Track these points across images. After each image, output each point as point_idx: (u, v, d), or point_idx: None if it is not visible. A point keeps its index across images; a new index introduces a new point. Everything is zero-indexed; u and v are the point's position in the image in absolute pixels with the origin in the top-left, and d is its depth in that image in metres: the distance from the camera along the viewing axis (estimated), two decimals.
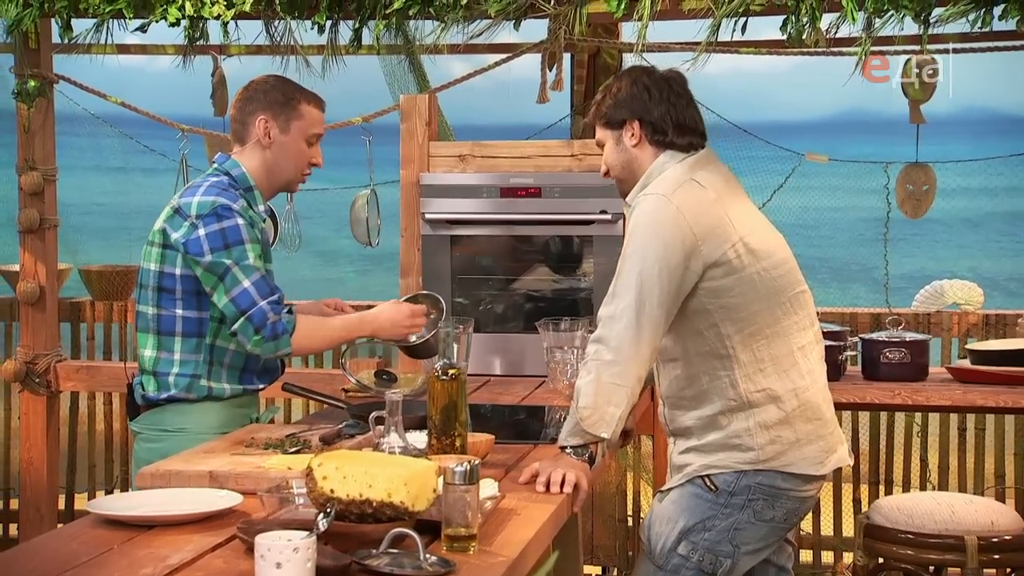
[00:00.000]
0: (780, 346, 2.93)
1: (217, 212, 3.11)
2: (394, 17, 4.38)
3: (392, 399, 2.76)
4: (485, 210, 4.27)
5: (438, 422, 2.78)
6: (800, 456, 2.92)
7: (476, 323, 4.17)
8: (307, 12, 4.45)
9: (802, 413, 2.93)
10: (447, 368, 2.80)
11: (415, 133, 4.34)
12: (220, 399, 3.21)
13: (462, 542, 2.21)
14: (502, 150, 4.36)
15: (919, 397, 4.04)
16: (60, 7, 4.58)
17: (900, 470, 5.30)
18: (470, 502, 2.22)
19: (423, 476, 2.22)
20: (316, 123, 3.31)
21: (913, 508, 3.29)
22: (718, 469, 2.92)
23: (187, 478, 2.62)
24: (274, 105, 3.26)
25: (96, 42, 4.73)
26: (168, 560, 2.11)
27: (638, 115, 3.02)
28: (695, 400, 2.97)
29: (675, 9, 4.25)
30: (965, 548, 3.17)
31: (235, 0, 4.43)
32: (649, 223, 2.89)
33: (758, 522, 2.93)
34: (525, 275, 4.37)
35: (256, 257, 3.13)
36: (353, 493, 2.17)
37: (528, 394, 3.81)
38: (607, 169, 3.12)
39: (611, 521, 5.27)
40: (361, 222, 4.72)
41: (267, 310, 3.08)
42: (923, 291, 5.32)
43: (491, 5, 4.28)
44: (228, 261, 3.09)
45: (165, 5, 4.46)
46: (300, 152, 3.29)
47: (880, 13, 4.01)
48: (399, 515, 2.17)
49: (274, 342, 3.10)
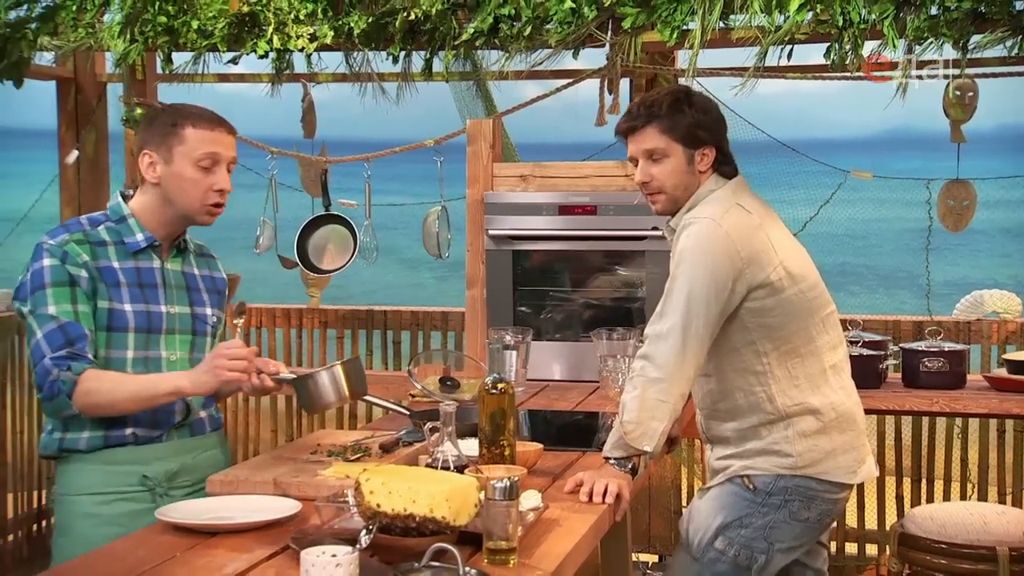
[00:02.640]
0: (813, 364, 2.79)
1: (34, 254, 2.60)
2: (462, 47, 4.32)
3: (445, 411, 2.66)
4: (545, 227, 4.17)
5: (488, 433, 2.68)
6: (835, 465, 2.78)
7: (537, 331, 4.08)
8: (383, 44, 4.40)
9: (838, 424, 2.80)
10: (496, 382, 2.70)
11: (480, 155, 4.25)
12: (78, 451, 2.60)
13: (502, 555, 2.10)
14: (560, 171, 4.26)
15: (957, 405, 3.86)
16: (162, 42, 4.58)
17: (941, 467, 5.12)
18: (510, 517, 2.10)
19: (464, 492, 2.11)
20: (203, 142, 2.62)
21: (946, 518, 3.11)
22: (757, 471, 2.80)
23: (252, 485, 2.53)
24: (156, 136, 2.65)
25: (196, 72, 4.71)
26: (224, 569, 2.03)
27: (717, 143, 2.83)
28: (729, 413, 2.83)
29: (724, 38, 4.14)
30: (997, 559, 2.98)
31: (318, 34, 4.40)
32: (699, 246, 2.72)
33: (793, 521, 2.79)
34: (582, 287, 4.26)
35: (59, 301, 2.54)
36: (398, 508, 2.07)
37: (582, 400, 3.69)
38: (657, 182, 2.83)
39: (666, 513, 5.13)
40: (432, 236, 4.64)
41: (49, 367, 2.50)
42: (964, 300, 5.12)
43: (552, 36, 4.21)
44: (26, 309, 2.57)
45: (255, 39, 4.45)
46: (193, 181, 2.62)
47: (920, 40, 3.83)
48: (441, 529, 2.07)
49: (51, 402, 2.52)
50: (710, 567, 2.81)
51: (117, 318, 2.62)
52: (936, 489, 5.08)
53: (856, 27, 3.89)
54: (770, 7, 4.00)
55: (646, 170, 2.84)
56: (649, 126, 2.80)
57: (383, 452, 2.77)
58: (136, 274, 2.66)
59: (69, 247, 2.59)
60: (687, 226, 2.77)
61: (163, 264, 2.72)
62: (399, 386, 4.12)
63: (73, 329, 2.54)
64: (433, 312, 5.47)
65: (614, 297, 4.23)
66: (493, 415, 2.67)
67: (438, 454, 2.64)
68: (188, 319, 2.75)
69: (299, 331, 5.59)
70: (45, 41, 4.74)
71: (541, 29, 4.22)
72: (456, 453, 2.65)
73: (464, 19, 4.29)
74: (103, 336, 2.61)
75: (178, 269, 2.76)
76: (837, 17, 3.91)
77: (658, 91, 2.93)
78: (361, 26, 4.33)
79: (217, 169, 2.64)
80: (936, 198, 4.74)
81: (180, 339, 2.73)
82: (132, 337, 2.64)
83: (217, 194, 2.65)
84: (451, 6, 4.27)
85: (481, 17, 4.22)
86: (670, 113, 2.78)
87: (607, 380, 3.63)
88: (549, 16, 4.20)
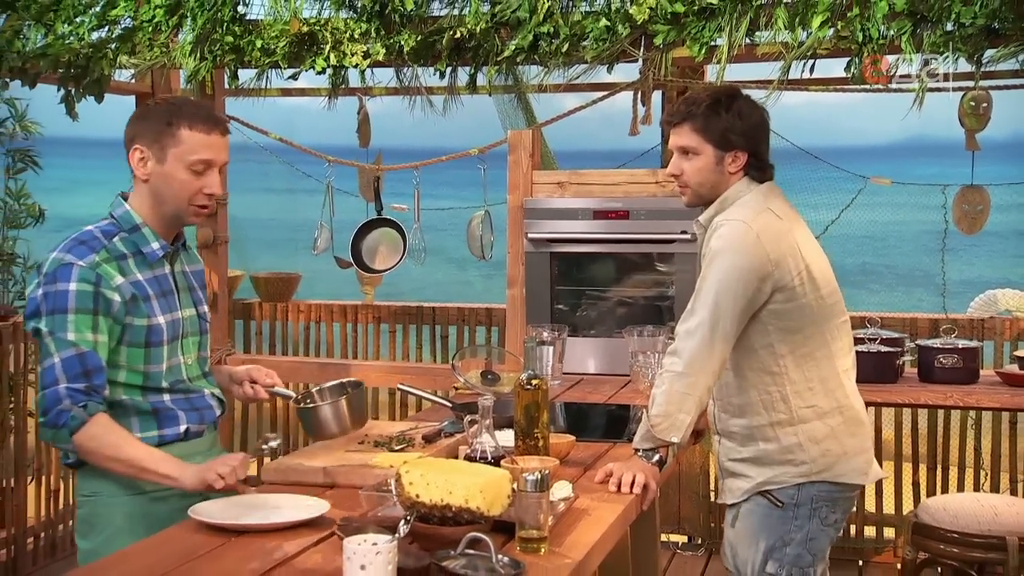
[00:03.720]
0: (827, 368, 2.70)
1: (56, 273, 2.35)
2: (504, 63, 4.29)
3: (484, 404, 2.63)
4: (580, 231, 4.13)
5: (523, 425, 2.65)
6: (848, 467, 2.69)
7: (573, 328, 4.05)
8: (431, 60, 4.39)
9: (846, 428, 2.70)
10: (531, 378, 2.67)
11: (520, 163, 4.22)
12: None
13: (534, 543, 2.07)
14: (595, 178, 4.22)
15: (970, 399, 3.77)
16: (229, 60, 4.60)
17: (956, 455, 5.03)
18: (541, 507, 2.08)
19: (498, 484, 2.09)
20: (198, 148, 2.42)
21: (958, 509, 3.03)
22: (776, 484, 2.69)
23: (304, 473, 2.51)
24: (150, 133, 2.43)
25: (260, 86, 4.72)
26: (274, 554, 2.02)
27: (752, 149, 2.71)
28: (740, 409, 2.74)
29: (750, 53, 4.10)
30: (1007, 548, 2.90)
31: (371, 51, 4.40)
32: (730, 247, 2.63)
33: (826, 527, 2.70)
34: (615, 286, 4.23)
35: (81, 329, 2.33)
36: (435, 498, 2.05)
37: (614, 393, 3.66)
38: (686, 177, 2.74)
39: (695, 497, 5.08)
40: (476, 239, 4.62)
41: (63, 395, 2.29)
42: (978, 299, 5.04)
43: (588, 52, 4.18)
44: (45, 329, 2.33)
45: (313, 57, 4.45)
46: (183, 182, 2.42)
47: (936, 54, 3.75)
48: (476, 519, 2.05)
49: (53, 431, 2.31)
50: None
51: (155, 333, 2.44)
52: (951, 476, 5.00)
53: (875, 42, 3.82)
54: (793, 24, 3.94)
55: (678, 163, 2.75)
56: (685, 123, 2.71)
57: (426, 443, 2.76)
58: (157, 283, 2.48)
59: (102, 269, 2.37)
60: (718, 227, 2.69)
61: (172, 269, 2.54)
62: (445, 378, 4.11)
63: (92, 360, 2.33)
64: (478, 308, 5.46)
65: (645, 296, 4.18)
66: (528, 409, 2.65)
67: (476, 445, 2.61)
68: (195, 320, 2.60)
69: (354, 325, 5.60)
70: (124, 60, 4.77)
71: (578, 46, 4.18)
72: (493, 444, 2.61)
73: (506, 37, 4.27)
74: (141, 353, 2.43)
75: (180, 270, 2.58)
76: (857, 33, 3.84)
77: (706, 89, 2.81)
78: (411, 44, 4.32)
79: (209, 173, 2.45)
80: (951, 203, 4.65)
81: (191, 341, 2.57)
82: (166, 349, 2.47)
83: (206, 196, 2.46)
84: (494, 25, 4.25)
85: (522, 35, 4.19)
86: (706, 114, 2.69)
87: (638, 374, 3.60)
88: (585, 33, 4.17)
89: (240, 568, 1.94)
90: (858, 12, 3.83)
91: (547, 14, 4.17)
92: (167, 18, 4.64)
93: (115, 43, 4.74)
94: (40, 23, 4.75)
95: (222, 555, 2.00)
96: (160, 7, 4.62)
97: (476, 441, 2.62)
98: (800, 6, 3.92)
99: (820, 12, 3.87)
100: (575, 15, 4.20)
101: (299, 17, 4.46)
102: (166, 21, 4.64)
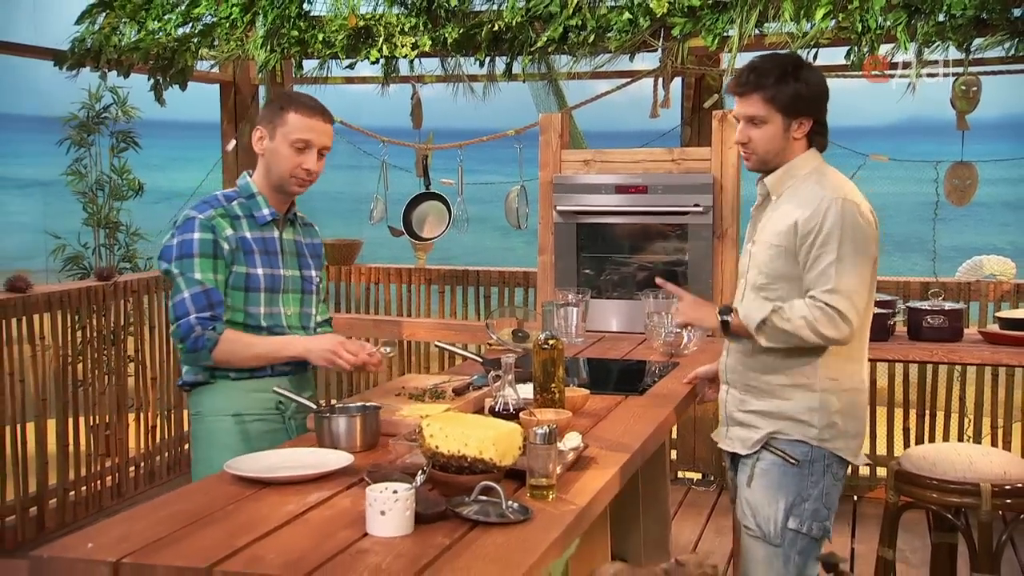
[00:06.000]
0: (858, 348, 2.49)
1: (184, 225, 2.50)
2: (537, 53, 4.15)
3: (506, 362, 2.53)
4: (604, 204, 3.98)
5: (541, 380, 2.55)
6: (846, 445, 2.49)
7: (597, 290, 3.93)
8: (471, 51, 4.25)
9: (853, 410, 2.50)
10: (548, 339, 2.56)
11: (551, 143, 4.07)
12: (227, 379, 2.53)
13: (542, 491, 1.97)
14: (617, 156, 4.06)
15: (953, 356, 3.60)
16: (294, 52, 4.52)
17: (943, 402, 4.86)
18: (550, 458, 1.97)
19: (509, 437, 1.99)
20: (300, 129, 2.50)
21: (937, 457, 2.88)
22: (786, 436, 2.47)
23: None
24: (267, 116, 2.56)
25: (322, 75, 4.63)
26: (308, 497, 1.94)
27: (816, 115, 2.46)
28: (765, 365, 2.49)
29: (759, 42, 3.93)
30: (981, 494, 2.75)
31: (419, 43, 4.27)
32: (854, 221, 2.39)
33: (837, 483, 2.50)
34: (634, 254, 4.08)
35: (205, 270, 2.46)
36: (453, 449, 1.96)
37: (631, 350, 3.53)
38: (753, 144, 2.48)
39: (709, 440, 4.94)
40: (512, 211, 4.50)
41: (194, 323, 2.43)
42: (965, 264, 4.84)
43: (612, 42, 4.03)
44: (176, 271, 2.47)
45: (368, 49, 4.34)
46: (286, 157, 2.51)
47: (929, 43, 3.54)
48: (489, 468, 1.95)
49: (194, 354, 2.45)
50: (792, 547, 2.48)
51: (252, 280, 2.54)
52: (938, 421, 4.84)
53: (873, 32, 3.62)
54: (799, 16, 3.77)
55: (745, 132, 2.48)
56: (755, 93, 2.44)
57: (455, 395, 2.67)
58: (263, 243, 2.57)
59: (216, 222, 2.50)
60: (831, 207, 2.39)
61: (280, 234, 2.61)
62: (484, 334, 4.01)
63: (215, 295, 2.47)
64: (516, 272, 5.35)
65: (662, 262, 4.04)
66: (545, 365, 2.54)
67: (499, 397, 2.52)
68: (298, 280, 2.65)
69: (408, 287, 5.52)
70: (204, 52, 4.70)
71: (603, 37, 4.04)
72: (515, 397, 2.52)
73: (539, 29, 4.13)
74: (241, 296, 2.53)
75: (290, 238, 2.65)
76: (857, 24, 3.65)
77: (772, 56, 2.50)
78: (454, 36, 4.20)
79: (308, 152, 2.52)
80: (943, 177, 4.47)
81: (292, 297, 2.63)
82: (263, 296, 2.55)
83: (304, 172, 2.53)
84: (528, 18, 4.12)
85: (553, 27, 4.05)
86: (776, 84, 2.42)
87: (652, 334, 3.46)
88: (610, 26, 4.03)
89: (277, 511, 1.86)
90: (858, 5, 3.65)
91: (576, 8, 4.03)
92: (242, 15, 4.55)
93: (197, 38, 4.66)
94: (133, 20, 4.69)
95: (259, 499, 1.93)
96: (236, 5, 4.54)
97: (499, 394, 2.53)
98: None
99: (823, 5, 3.70)
100: (601, 9, 4.06)
101: (356, 13, 4.36)
102: (241, 18, 4.56)
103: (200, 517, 1.81)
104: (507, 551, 1.69)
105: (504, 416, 2.44)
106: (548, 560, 1.74)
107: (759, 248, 2.51)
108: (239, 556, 1.64)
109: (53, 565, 1.62)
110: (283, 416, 2.57)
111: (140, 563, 1.61)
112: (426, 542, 1.71)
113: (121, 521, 1.80)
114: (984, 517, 2.77)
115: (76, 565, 1.61)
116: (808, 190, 2.45)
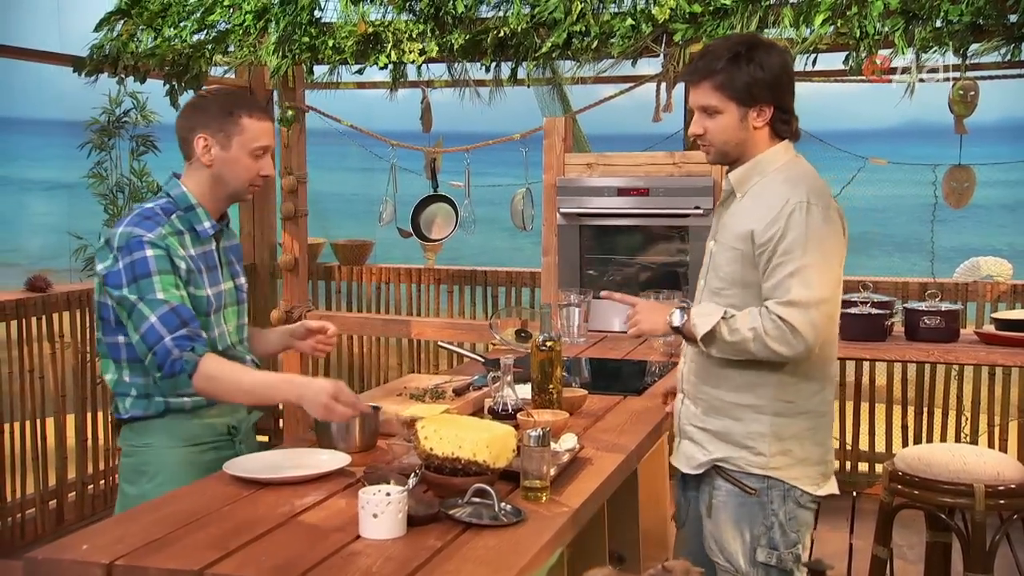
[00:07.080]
0: (820, 369, 2.20)
1: (129, 245, 2.15)
2: (542, 58, 4.08)
3: (505, 363, 2.49)
4: (606, 206, 3.94)
5: (539, 381, 2.50)
6: (803, 473, 2.19)
7: (599, 291, 3.87)
8: (477, 56, 4.20)
9: (812, 436, 2.20)
10: (546, 340, 2.51)
11: (554, 147, 4.03)
12: (183, 411, 2.23)
13: (536, 492, 1.93)
14: (619, 160, 4.01)
15: (950, 356, 3.53)
16: (305, 57, 4.45)
17: (940, 400, 4.79)
18: (543, 460, 1.93)
19: (503, 439, 1.94)
20: (259, 135, 2.26)
21: (931, 458, 2.81)
22: (732, 467, 2.20)
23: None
24: (213, 121, 2.24)
25: (332, 80, 4.58)
26: (304, 499, 1.90)
27: (777, 101, 2.14)
28: (716, 379, 2.21)
29: None
30: (974, 494, 2.68)
31: (426, 49, 4.22)
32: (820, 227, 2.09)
33: (803, 507, 2.20)
34: (636, 255, 4.03)
35: (167, 288, 2.14)
36: (447, 451, 1.92)
37: (632, 349, 3.48)
38: (709, 136, 2.18)
39: None
40: (518, 213, 4.44)
41: (170, 347, 2.10)
42: (963, 265, 4.76)
43: (615, 48, 3.95)
44: (134, 297, 2.13)
45: (376, 54, 4.28)
46: (246, 167, 2.26)
47: (926, 49, 3.47)
48: (483, 470, 1.91)
49: (172, 380, 2.12)
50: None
51: (206, 304, 2.25)
52: (935, 419, 4.77)
53: (871, 38, 3.55)
54: (798, 22, 3.69)
55: (700, 123, 2.20)
56: (705, 81, 2.15)
57: (456, 395, 2.62)
58: (204, 259, 2.28)
59: (169, 241, 2.19)
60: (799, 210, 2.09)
61: (218, 245, 2.34)
62: (490, 335, 3.96)
63: (184, 311, 2.14)
64: (523, 272, 5.31)
65: (663, 263, 3.99)
66: (543, 365, 2.50)
67: (498, 398, 2.49)
68: (233, 292, 2.38)
69: (418, 286, 5.49)
70: (218, 58, 4.66)
71: (606, 42, 3.97)
72: (514, 397, 2.48)
73: (544, 35, 4.06)
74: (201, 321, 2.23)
75: (222, 246, 2.38)
76: (855, 30, 3.57)
77: (725, 40, 2.22)
78: (460, 42, 4.14)
79: (266, 156, 2.29)
80: (941, 180, 4.39)
81: (230, 311, 2.36)
82: (212, 319, 2.28)
83: (262, 178, 2.30)
84: (533, 25, 4.04)
85: (557, 33, 3.99)
86: (727, 69, 2.13)
87: None
88: (613, 32, 3.95)
89: (272, 512, 1.82)
90: (856, 11, 3.57)
91: (579, 15, 3.96)
92: (255, 22, 4.50)
93: (211, 44, 4.62)
94: (150, 27, 4.66)
95: (255, 501, 1.89)
96: (249, 12, 4.49)
97: (498, 395, 2.49)
98: (804, 5, 3.67)
99: (822, 11, 3.63)
100: (604, 15, 3.98)
101: (365, 20, 4.30)
102: (254, 24, 4.51)
103: (195, 518, 1.78)
104: (498, 553, 1.65)
105: (502, 417, 2.39)
106: (539, 563, 1.69)
107: (719, 249, 2.23)
108: (231, 558, 1.60)
109: (47, 567, 1.58)
110: (234, 441, 2.32)
111: (133, 565, 1.57)
112: (418, 544, 1.67)
113: (117, 523, 1.76)
114: (978, 518, 2.71)
115: (70, 567, 1.57)
116: (773, 191, 2.14)
